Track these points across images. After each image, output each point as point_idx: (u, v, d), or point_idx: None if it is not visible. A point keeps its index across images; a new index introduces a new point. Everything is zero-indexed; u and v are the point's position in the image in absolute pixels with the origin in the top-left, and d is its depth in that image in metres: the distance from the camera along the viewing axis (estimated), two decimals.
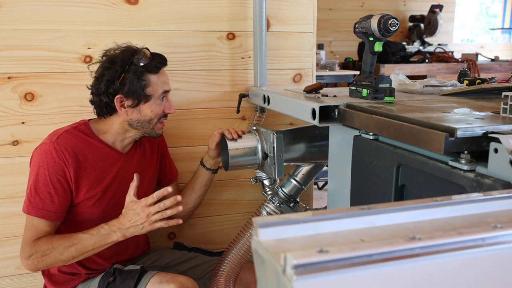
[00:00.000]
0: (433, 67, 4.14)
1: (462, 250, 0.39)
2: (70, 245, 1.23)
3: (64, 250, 1.23)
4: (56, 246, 1.23)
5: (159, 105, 1.34)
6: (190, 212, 1.60)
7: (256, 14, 1.60)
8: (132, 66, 1.28)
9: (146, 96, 1.30)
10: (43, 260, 1.23)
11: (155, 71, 1.31)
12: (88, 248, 1.23)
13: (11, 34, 1.45)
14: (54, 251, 1.22)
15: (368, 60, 1.19)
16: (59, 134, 1.29)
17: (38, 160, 1.25)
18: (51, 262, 1.24)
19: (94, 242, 1.23)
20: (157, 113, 1.34)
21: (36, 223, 1.24)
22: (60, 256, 1.23)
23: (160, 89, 1.32)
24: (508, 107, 0.86)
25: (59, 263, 1.25)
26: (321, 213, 0.44)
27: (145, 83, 1.29)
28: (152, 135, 1.38)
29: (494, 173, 0.67)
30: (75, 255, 1.23)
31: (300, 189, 1.53)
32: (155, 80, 1.31)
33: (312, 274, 0.35)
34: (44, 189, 1.24)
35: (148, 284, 1.28)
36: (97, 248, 1.24)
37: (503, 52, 5.73)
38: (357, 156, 1.00)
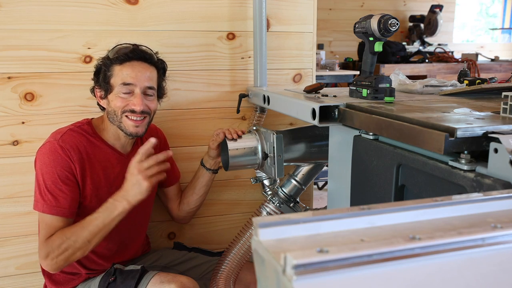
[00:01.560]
0: (433, 67, 4.14)
1: (462, 250, 0.39)
2: (81, 229, 1.22)
3: (77, 236, 1.21)
4: (68, 236, 1.22)
5: (121, 97, 1.30)
6: (192, 212, 1.60)
7: (256, 14, 1.60)
8: (106, 59, 1.33)
9: (110, 86, 1.31)
10: (61, 254, 1.21)
11: (118, 63, 1.31)
12: (99, 226, 1.21)
13: (11, 34, 1.45)
14: (68, 240, 1.21)
15: (368, 60, 1.19)
16: (63, 132, 1.30)
17: (44, 158, 1.25)
18: (69, 254, 1.21)
19: (103, 218, 1.22)
20: (115, 105, 1.30)
21: (50, 221, 1.24)
22: (75, 244, 1.21)
23: (120, 80, 1.30)
24: (508, 107, 0.86)
25: (77, 252, 1.22)
26: (321, 213, 0.44)
27: (110, 74, 1.31)
28: (126, 132, 1.33)
29: (494, 173, 0.67)
30: (89, 237, 1.21)
31: (300, 189, 1.53)
32: (117, 71, 1.31)
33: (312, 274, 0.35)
34: (54, 187, 1.24)
35: (149, 284, 1.28)
36: (108, 225, 1.22)
37: (503, 52, 5.73)
38: (357, 156, 1.00)
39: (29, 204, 1.52)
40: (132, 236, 1.47)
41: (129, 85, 1.30)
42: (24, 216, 1.54)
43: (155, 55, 1.39)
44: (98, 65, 1.35)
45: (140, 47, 1.36)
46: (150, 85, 1.34)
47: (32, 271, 1.57)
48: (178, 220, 1.64)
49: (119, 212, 1.22)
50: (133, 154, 1.41)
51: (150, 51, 1.37)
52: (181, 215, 1.60)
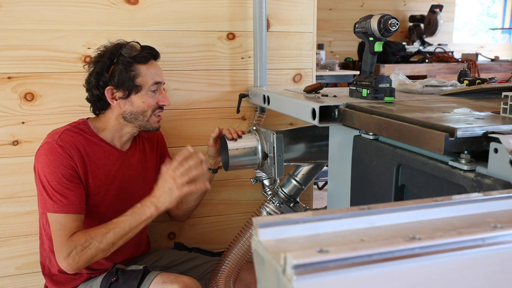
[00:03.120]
0: (433, 67, 4.14)
1: (462, 250, 0.39)
2: (107, 231, 1.22)
3: (102, 237, 1.21)
4: (93, 236, 1.21)
5: (151, 96, 1.34)
6: (190, 211, 1.61)
7: (256, 14, 1.60)
8: (121, 58, 1.31)
9: (136, 87, 1.31)
10: (84, 254, 1.21)
11: (144, 62, 1.32)
12: (126, 229, 1.22)
13: (11, 34, 1.45)
14: (93, 241, 1.21)
15: (368, 60, 1.19)
16: (61, 132, 1.29)
17: (44, 160, 1.25)
18: (91, 254, 1.21)
19: (130, 222, 1.22)
20: (149, 104, 1.33)
21: (64, 220, 1.23)
22: (99, 244, 1.21)
23: (151, 80, 1.33)
24: (508, 107, 0.86)
25: (99, 254, 1.22)
26: (321, 213, 0.44)
27: (134, 74, 1.31)
28: (148, 128, 1.38)
29: (494, 173, 0.67)
30: (114, 240, 1.22)
31: (300, 189, 1.53)
32: (145, 70, 1.32)
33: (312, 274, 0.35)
34: (60, 186, 1.24)
35: (152, 284, 1.28)
36: (134, 229, 1.23)
37: (503, 52, 5.73)
38: (357, 156, 1.00)
39: (29, 204, 1.53)
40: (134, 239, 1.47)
41: (159, 83, 1.35)
42: (24, 216, 1.54)
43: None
44: (107, 65, 1.30)
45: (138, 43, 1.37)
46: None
47: (32, 271, 1.57)
48: (176, 218, 1.64)
49: (147, 217, 1.23)
50: (131, 151, 1.42)
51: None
52: (179, 213, 1.60)
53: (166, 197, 1.23)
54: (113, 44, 1.35)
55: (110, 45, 1.35)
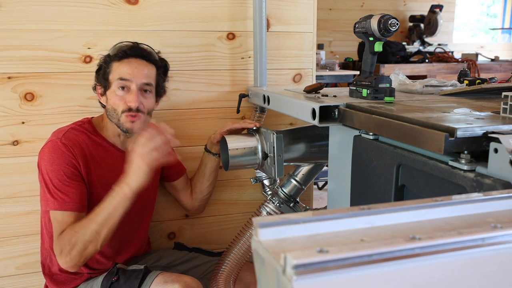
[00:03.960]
0: (433, 67, 4.13)
1: (462, 250, 0.39)
2: (89, 222, 1.20)
3: (85, 229, 1.20)
4: (77, 229, 1.21)
5: (119, 95, 1.30)
6: (206, 200, 1.63)
7: (256, 14, 1.60)
8: (107, 56, 1.34)
9: (109, 83, 1.33)
10: (73, 249, 1.20)
11: (117, 59, 1.32)
12: (105, 215, 1.20)
13: (11, 34, 1.45)
14: (77, 234, 1.20)
15: (368, 60, 1.19)
16: (66, 130, 1.31)
17: (48, 157, 1.26)
18: (80, 248, 1.20)
19: (107, 207, 1.20)
20: (115, 102, 1.30)
21: (61, 217, 1.23)
22: (84, 236, 1.19)
23: (117, 75, 1.30)
24: (508, 107, 0.86)
25: (88, 246, 1.20)
26: (321, 213, 0.44)
27: (108, 70, 1.33)
28: (122, 129, 1.33)
29: (494, 173, 0.67)
30: (96, 228, 1.19)
31: (300, 189, 1.53)
32: (116, 67, 1.32)
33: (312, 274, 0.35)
34: (62, 184, 1.24)
35: (153, 283, 1.28)
36: (113, 213, 1.20)
37: (503, 52, 5.73)
38: (357, 156, 1.00)
39: (29, 204, 1.53)
40: (134, 235, 1.47)
41: (125, 80, 1.30)
42: (24, 216, 1.54)
43: (156, 54, 1.40)
44: (99, 63, 1.38)
45: (140, 45, 1.37)
46: (147, 81, 1.33)
47: (32, 271, 1.57)
48: (193, 211, 1.65)
49: (121, 198, 1.20)
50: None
51: (149, 49, 1.38)
52: (196, 204, 1.61)
53: (136, 174, 1.20)
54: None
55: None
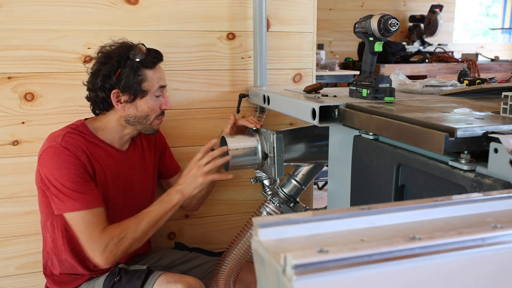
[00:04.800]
0: (433, 67, 4.14)
1: (462, 250, 0.39)
2: (140, 221, 1.27)
3: (136, 227, 1.26)
4: (127, 226, 1.26)
5: (156, 101, 1.34)
6: (203, 198, 1.63)
7: (256, 14, 1.60)
8: (128, 61, 1.28)
9: (143, 91, 1.31)
10: (121, 245, 1.24)
11: (151, 66, 1.31)
12: (157, 216, 1.28)
13: (11, 34, 1.45)
14: (128, 231, 1.25)
15: (368, 60, 1.19)
16: (62, 135, 1.27)
17: (52, 164, 1.23)
18: (128, 244, 1.25)
19: (160, 210, 1.29)
20: (153, 108, 1.34)
21: (90, 216, 1.23)
22: (135, 234, 1.25)
23: (157, 84, 1.33)
24: (508, 107, 0.86)
25: (134, 243, 1.27)
26: (321, 213, 0.44)
27: (141, 78, 1.30)
28: (149, 131, 1.39)
29: (494, 173, 0.67)
30: (146, 228, 1.27)
31: (300, 189, 1.53)
32: (151, 75, 1.31)
33: (312, 274, 0.35)
34: (76, 185, 1.23)
35: (155, 284, 1.28)
36: (164, 216, 1.30)
37: (503, 52, 5.73)
38: (357, 156, 1.00)
39: (29, 204, 1.53)
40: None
41: (164, 87, 1.37)
42: (24, 216, 1.54)
43: None
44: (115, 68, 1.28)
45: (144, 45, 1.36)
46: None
47: (32, 271, 1.57)
48: (188, 208, 1.64)
49: (174, 204, 1.30)
50: (131, 151, 1.43)
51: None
52: (192, 202, 1.61)
53: (190, 184, 1.30)
54: (118, 45, 1.32)
55: (115, 45, 1.32)
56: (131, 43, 1.33)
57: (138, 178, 1.44)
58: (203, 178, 1.30)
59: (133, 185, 1.42)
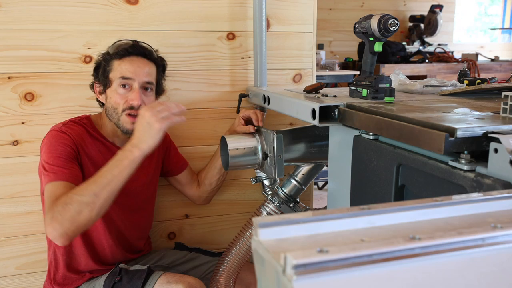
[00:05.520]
0: (433, 67, 4.14)
1: (462, 250, 0.39)
2: (89, 184, 1.13)
3: (84, 190, 1.12)
4: (75, 192, 1.13)
5: (120, 93, 1.29)
6: (215, 191, 1.63)
7: (256, 14, 1.60)
8: (106, 55, 1.34)
9: (109, 81, 1.32)
10: (66, 212, 1.09)
11: (118, 58, 1.32)
12: (108, 177, 1.13)
13: (11, 34, 1.45)
14: (74, 195, 1.11)
15: (368, 60, 1.19)
16: (65, 123, 1.32)
17: (46, 144, 1.26)
18: (74, 210, 1.09)
19: (111, 169, 1.14)
20: (115, 100, 1.30)
21: (55, 188, 1.17)
22: (82, 197, 1.10)
23: (118, 74, 1.29)
24: (508, 107, 0.86)
25: (83, 209, 1.10)
26: (321, 213, 0.44)
27: (109, 69, 1.32)
28: (121, 129, 1.32)
29: (494, 173, 0.67)
30: (96, 190, 1.11)
31: (300, 189, 1.53)
32: (117, 65, 1.31)
33: (312, 274, 0.35)
34: (57, 160, 1.23)
35: (156, 284, 1.28)
36: (117, 176, 1.13)
37: (503, 52, 5.73)
38: (357, 156, 1.00)
39: (29, 204, 1.53)
40: (136, 235, 1.47)
41: (127, 79, 1.29)
42: (24, 216, 1.54)
43: (155, 52, 1.41)
44: (97, 60, 1.37)
45: (140, 43, 1.37)
46: (149, 80, 1.33)
47: (32, 271, 1.57)
48: (200, 201, 1.65)
49: (129, 161, 1.14)
50: None
51: (150, 48, 1.39)
52: (203, 196, 1.62)
53: (145, 133, 1.14)
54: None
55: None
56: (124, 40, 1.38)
57: (140, 176, 1.44)
58: (159, 124, 1.13)
59: (134, 183, 1.42)
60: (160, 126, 1.14)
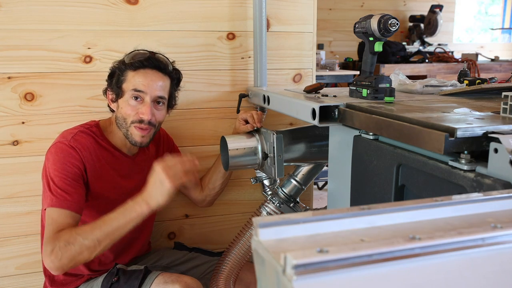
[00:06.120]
0: (433, 67, 4.14)
1: (462, 250, 0.39)
2: (94, 228, 1.15)
3: (88, 234, 1.14)
4: (79, 232, 1.15)
5: (132, 105, 1.30)
6: (218, 194, 1.64)
7: (256, 14, 1.60)
8: (122, 64, 1.33)
9: (122, 91, 1.32)
10: (67, 250, 1.13)
11: (133, 69, 1.31)
12: (113, 226, 1.15)
13: (11, 34, 1.45)
14: (78, 236, 1.14)
15: (368, 60, 1.19)
16: (74, 133, 1.30)
17: (53, 158, 1.25)
18: (75, 251, 1.13)
19: (119, 219, 1.16)
20: (126, 111, 1.30)
21: (57, 215, 1.19)
22: (84, 241, 1.13)
23: (131, 86, 1.29)
24: (508, 107, 0.86)
25: (84, 252, 1.14)
26: (321, 213, 0.44)
27: (123, 78, 1.32)
28: (130, 140, 1.33)
29: (494, 173, 0.67)
30: (100, 237, 1.14)
31: (300, 189, 1.53)
32: (131, 77, 1.31)
33: (312, 274, 0.35)
34: (63, 183, 1.23)
35: (153, 284, 1.28)
36: (123, 227, 1.16)
37: (503, 52, 5.73)
38: (357, 156, 1.00)
39: (29, 204, 1.53)
40: (138, 236, 1.47)
41: (140, 92, 1.29)
42: (24, 216, 1.54)
43: (171, 64, 1.39)
44: (113, 68, 1.35)
45: (156, 55, 1.35)
46: (161, 94, 1.33)
47: (32, 271, 1.57)
48: (203, 204, 1.65)
49: (137, 215, 1.16)
50: (139, 156, 1.43)
51: (166, 60, 1.36)
52: (207, 199, 1.62)
53: (157, 191, 1.15)
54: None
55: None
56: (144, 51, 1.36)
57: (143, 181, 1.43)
58: (171, 182, 1.14)
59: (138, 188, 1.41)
60: (171, 186, 1.15)
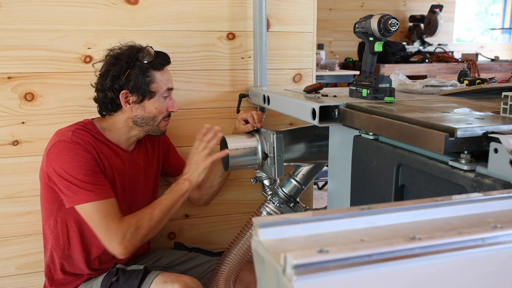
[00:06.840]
0: (433, 67, 4.14)
1: (462, 250, 0.39)
2: (154, 210, 1.30)
3: (151, 215, 1.29)
4: (143, 215, 1.28)
5: (163, 102, 1.37)
6: (215, 193, 1.64)
7: (256, 14, 1.60)
8: (138, 62, 1.31)
9: (151, 93, 1.33)
10: (138, 233, 1.26)
11: (159, 68, 1.34)
12: (169, 205, 1.31)
13: (11, 34, 1.45)
14: (144, 219, 1.27)
15: (368, 60, 1.19)
16: (72, 131, 1.29)
17: (62, 157, 1.23)
18: (144, 232, 1.27)
19: (171, 198, 1.32)
20: (161, 110, 1.36)
21: (106, 207, 1.24)
22: (150, 222, 1.28)
23: (164, 86, 1.36)
24: (508, 107, 0.86)
25: (150, 232, 1.29)
26: (321, 213, 0.44)
27: (149, 80, 1.32)
28: (156, 133, 1.41)
29: (494, 173, 0.67)
30: (161, 216, 1.30)
31: (300, 189, 1.53)
32: (159, 77, 1.34)
33: (312, 274, 0.35)
34: (88, 177, 1.24)
35: (152, 284, 1.28)
36: (176, 204, 1.33)
37: (503, 52, 5.73)
38: (357, 156, 1.00)
39: (29, 204, 1.53)
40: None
41: (171, 90, 1.39)
42: (24, 216, 1.54)
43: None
44: (125, 70, 1.30)
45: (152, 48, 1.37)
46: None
47: (32, 271, 1.57)
48: (200, 203, 1.65)
49: (184, 192, 1.34)
50: (136, 151, 1.43)
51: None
52: (204, 198, 1.62)
53: (194, 171, 1.36)
54: (127, 47, 1.34)
55: (124, 47, 1.34)
56: (140, 46, 1.35)
57: (142, 178, 1.45)
58: (204, 162, 1.35)
59: (137, 185, 1.43)
60: (205, 164, 1.37)
